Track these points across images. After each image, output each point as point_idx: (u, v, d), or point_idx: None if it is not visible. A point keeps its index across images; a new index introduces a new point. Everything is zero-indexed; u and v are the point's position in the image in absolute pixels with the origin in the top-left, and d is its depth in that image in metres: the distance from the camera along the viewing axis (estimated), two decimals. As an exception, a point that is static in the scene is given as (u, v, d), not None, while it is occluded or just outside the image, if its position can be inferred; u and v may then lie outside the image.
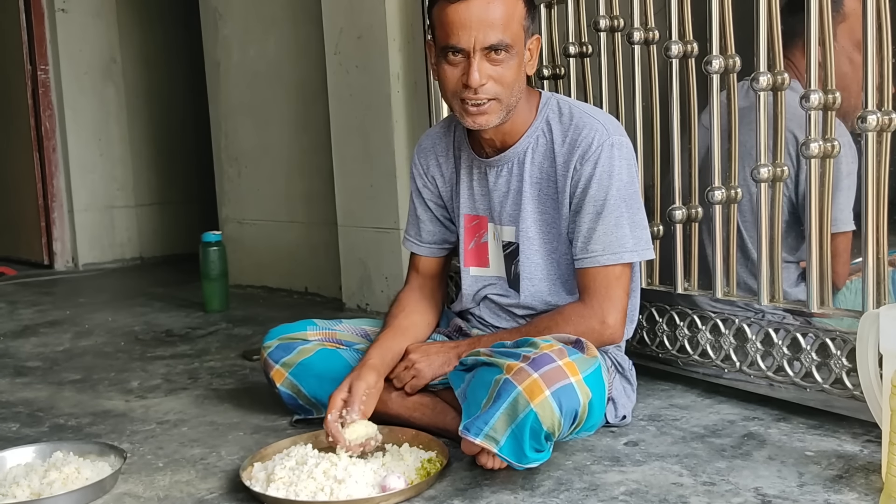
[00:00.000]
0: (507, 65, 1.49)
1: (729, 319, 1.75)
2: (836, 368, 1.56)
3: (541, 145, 1.61)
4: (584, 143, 1.55)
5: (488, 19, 1.46)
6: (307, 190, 3.42)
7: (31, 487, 1.42)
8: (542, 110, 1.62)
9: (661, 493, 1.32)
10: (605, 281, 1.55)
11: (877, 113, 1.45)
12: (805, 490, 1.31)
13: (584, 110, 1.60)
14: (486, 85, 1.49)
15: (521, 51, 1.51)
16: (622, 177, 1.54)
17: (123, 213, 4.76)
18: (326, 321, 1.83)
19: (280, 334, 1.78)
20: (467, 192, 1.72)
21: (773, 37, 1.64)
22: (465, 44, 1.47)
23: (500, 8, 1.47)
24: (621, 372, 1.68)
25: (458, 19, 1.47)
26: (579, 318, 1.55)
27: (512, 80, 1.51)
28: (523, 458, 1.33)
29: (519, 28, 1.50)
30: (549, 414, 1.30)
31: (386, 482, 1.35)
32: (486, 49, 1.47)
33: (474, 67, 1.48)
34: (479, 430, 1.33)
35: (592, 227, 1.55)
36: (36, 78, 4.54)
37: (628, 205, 1.55)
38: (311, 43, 3.20)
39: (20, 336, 2.88)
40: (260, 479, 1.40)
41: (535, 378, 1.31)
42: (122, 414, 1.92)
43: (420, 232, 1.81)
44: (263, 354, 1.77)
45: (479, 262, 1.73)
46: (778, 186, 1.67)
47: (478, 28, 1.46)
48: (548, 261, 1.64)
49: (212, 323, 2.96)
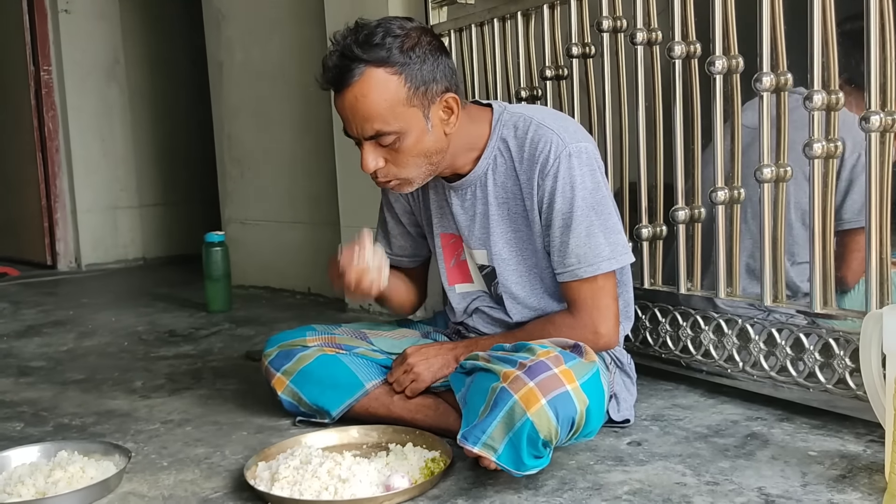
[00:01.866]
0: (400, 146, 1.48)
1: (732, 320, 1.76)
2: (839, 368, 1.56)
3: (500, 165, 1.58)
4: (541, 157, 1.51)
5: (360, 113, 1.45)
6: (310, 190, 3.43)
7: (37, 486, 1.42)
8: (495, 128, 1.58)
9: (664, 493, 1.33)
10: (589, 292, 1.54)
11: (880, 113, 1.46)
12: (808, 490, 1.31)
13: (540, 121, 1.55)
14: (382, 168, 1.51)
15: (415, 126, 1.48)
16: (585, 185, 1.51)
17: (126, 214, 4.77)
18: (325, 326, 1.82)
19: (280, 342, 1.77)
20: (439, 211, 1.70)
21: (776, 37, 1.64)
22: (351, 133, 1.50)
23: (370, 99, 1.44)
24: (621, 367, 1.68)
25: (340, 111, 1.49)
26: (570, 331, 1.53)
27: (412, 157, 1.50)
28: (522, 466, 1.32)
29: (403, 109, 1.46)
30: (545, 423, 1.29)
31: (390, 482, 1.36)
32: (368, 139, 1.48)
33: (364, 155, 1.50)
34: (477, 438, 1.33)
35: (565, 240, 1.52)
36: (39, 79, 4.55)
37: (597, 212, 1.52)
38: (313, 44, 3.21)
39: (24, 336, 2.89)
40: (264, 478, 1.40)
41: (531, 387, 1.30)
42: (126, 413, 1.92)
43: (391, 245, 1.80)
44: (264, 363, 1.76)
45: (462, 279, 1.72)
46: (781, 187, 1.68)
47: (353, 121, 1.47)
48: (529, 277, 1.63)
49: (215, 323, 2.97)
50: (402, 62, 1.45)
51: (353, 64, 1.44)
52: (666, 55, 1.82)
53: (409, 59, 1.45)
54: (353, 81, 1.44)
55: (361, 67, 1.44)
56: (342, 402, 1.67)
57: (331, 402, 1.67)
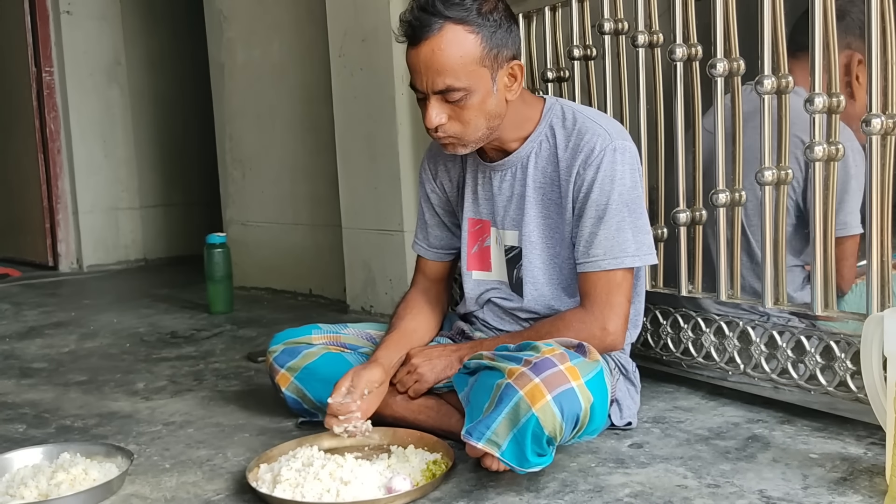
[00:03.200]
0: (465, 104, 1.52)
1: (733, 322, 1.76)
2: (840, 371, 1.56)
3: (544, 150, 1.63)
4: (586, 147, 1.56)
5: (434, 65, 1.49)
6: (311, 192, 3.43)
7: (39, 488, 1.42)
8: (545, 116, 1.64)
9: (665, 496, 1.33)
10: (606, 286, 1.56)
11: (881, 116, 1.46)
12: (809, 492, 1.31)
13: (588, 115, 1.61)
14: (444, 125, 1.54)
15: (482, 87, 1.52)
16: (625, 181, 1.55)
17: (128, 215, 4.78)
18: (331, 325, 1.84)
19: (285, 339, 1.79)
20: (471, 196, 1.74)
21: (777, 40, 1.65)
22: (420, 87, 1.53)
23: (447, 53, 1.48)
24: (625, 374, 1.68)
25: (412, 63, 1.53)
26: (580, 324, 1.55)
27: (474, 116, 1.53)
28: (525, 463, 1.33)
29: (475, 67, 1.50)
30: (550, 418, 1.30)
31: (391, 484, 1.36)
32: (437, 93, 1.51)
33: (429, 110, 1.53)
34: (482, 434, 1.34)
35: (594, 231, 1.56)
36: (41, 80, 4.56)
37: (630, 209, 1.56)
38: (315, 45, 3.21)
39: (25, 337, 2.89)
40: (266, 480, 1.41)
41: (536, 383, 1.31)
42: (128, 415, 1.93)
43: (427, 237, 1.84)
44: (269, 359, 1.77)
45: (481, 266, 1.74)
46: (782, 189, 1.68)
47: (426, 74, 1.50)
48: (550, 265, 1.65)
49: (216, 325, 2.97)
50: (479, 23, 1.50)
51: (433, 18, 1.48)
52: (667, 57, 1.82)
53: (487, 22, 1.50)
54: (431, 35, 1.48)
55: (441, 22, 1.48)
56: None
57: None
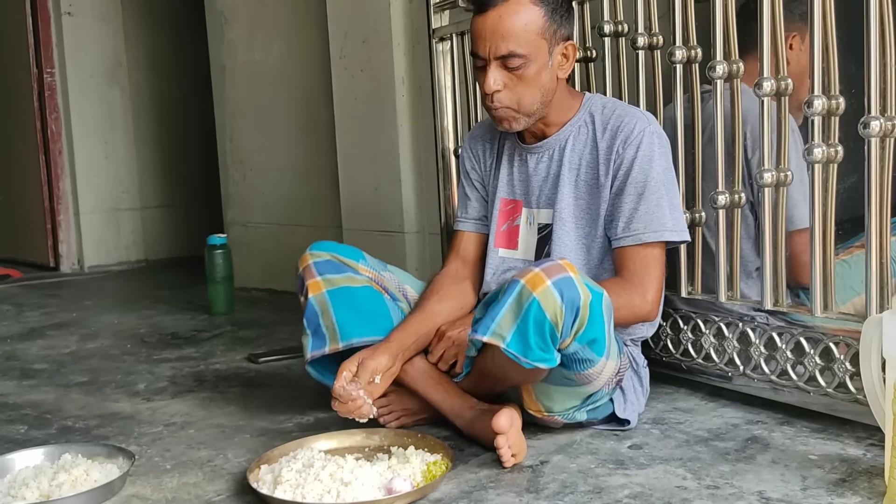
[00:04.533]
0: (523, 72, 1.59)
1: (733, 323, 1.76)
2: (839, 372, 1.56)
3: (582, 134, 1.70)
4: (626, 128, 1.64)
5: (500, 31, 1.57)
6: (312, 193, 3.44)
7: (41, 489, 1.43)
8: (585, 105, 1.72)
9: (665, 497, 1.33)
10: (644, 260, 1.62)
11: (880, 119, 1.46)
12: (808, 494, 1.32)
13: (626, 104, 1.72)
14: (500, 92, 1.61)
15: (540, 58, 1.60)
16: (662, 163, 1.63)
17: (129, 216, 4.78)
18: (376, 260, 1.82)
19: (332, 251, 1.75)
20: (507, 177, 1.80)
21: (776, 42, 1.65)
22: (482, 52, 1.60)
23: (512, 20, 1.57)
24: (635, 369, 1.69)
25: (477, 30, 1.61)
26: (621, 290, 1.59)
27: (529, 86, 1.61)
28: (529, 353, 1.39)
29: (536, 37, 1.58)
30: (550, 302, 1.36)
31: (392, 485, 1.36)
32: (498, 58, 1.58)
33: (489, 75, 1.60)
34: (487, 327, 1.41)
35: (634, 207, 1.62)
36: (42, 81, 4.56)
37: (667, 189, 1.63)
38: (316, 47, 3.21)
39: (27, 338, 2.90)
40: (267, 481, 1.41)
41: (536, 272, 1.40)
42: (129, 416, 1.93)
43: (467, 209, 1.88)
44: (308, 261, 1.72)
45: (508, 244, 1.79)
46: (782, 191, 1.68)
47: (490, 39, 1.58)
48: (579, 245, 1.70)
49: (217, 326, 2.97)
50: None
51: None
52: (667, 59, 1.83)
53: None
54: (500, 3, 1.57)
55: None
56: (366, 335, 1.65)
57: (355, 329, 1.65)
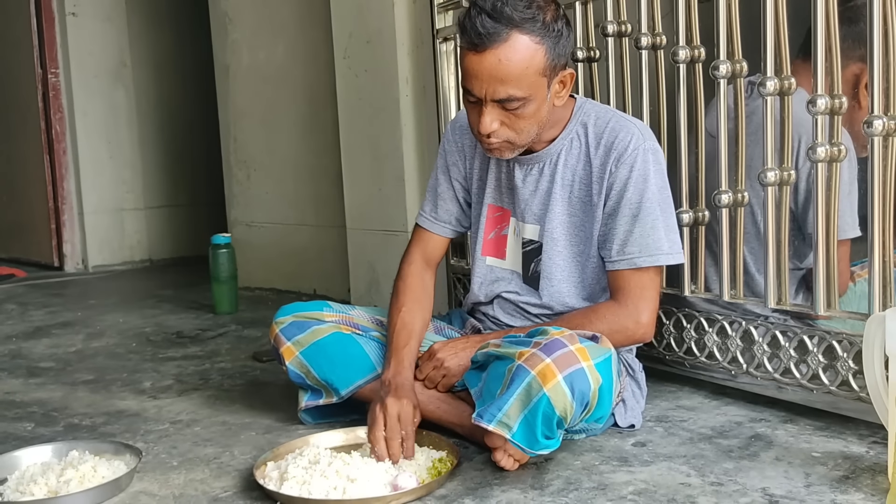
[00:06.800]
0: (521, 112, 1.50)
1: (736, 322, 1.77)
2: (842, 370, 1.57)
3: (574, 148, 1.63)
4: (619, 146, 1.57)
5: (499, 75, 1.46)
6: (316, 193, 3.45)
7: (49, 485, 1.43)
8: (576, 114, 1.64)
9: (669, 493, 1.34)
10: (639, 282, 1.58)
11: (883, 118, 1.47)
12: (812, 490, 1.33)
13: (620, 115, 1.63)
14: (496, 130, 1.52)
15: (540, 96, 1.51)
16: (657, 182, 1.57)
17: (133, 216, 4.79)
18: (341, 304, 1.81)
19: (295, 311, 1.75)
20: (494, 182, 1.73)
21: (780, 42, 1.66)
22: (477, 92, 1.49)
23: (512, 64, 1.45)
24: (631, 375, 1.69)
25: (472, 69, 1.48)
26: (614, 317, 1.57)
27: (527, 123, 1.53)
28: (535, 445, 1.36)
29: (537, 77, 1.48)
30: (561, 398, 1.32)
31: (397, 481, 1.37)
32: (495, 101, 1.49)
33: (484, 115, 1.50)
34: (493, 416, 1.36)
35: (629, 229, 1.57)
36: (46, 81, 4.57)
37: (663, 209, 1.58)
38: (319, 47, 3.22)
39: (32, 337, 2.91)
40: (273, 477, 1.42)
41: (547, 363, 1.33)
42: (135, 414, 1.94)
43: (436, 209, 1.80)
44: (275, 330, 1.73)
45: (496, 252, 1.75)
46: (785, 190, 1.69)
47: (488, 82, 1.47)
48: (572, 263, 1.66)
49: (221, 325, 2.98)
50: (544, 34, 1.47)
51: (500, 27, 1.45)
52: (670, 59, 1.83)
53: (551, 33, 1.48)
54: (498, 43, 1.45)
55: (508, 31, 1.45)
56: (353, 381, 1.66)
57: (341, 379, 1.66)
